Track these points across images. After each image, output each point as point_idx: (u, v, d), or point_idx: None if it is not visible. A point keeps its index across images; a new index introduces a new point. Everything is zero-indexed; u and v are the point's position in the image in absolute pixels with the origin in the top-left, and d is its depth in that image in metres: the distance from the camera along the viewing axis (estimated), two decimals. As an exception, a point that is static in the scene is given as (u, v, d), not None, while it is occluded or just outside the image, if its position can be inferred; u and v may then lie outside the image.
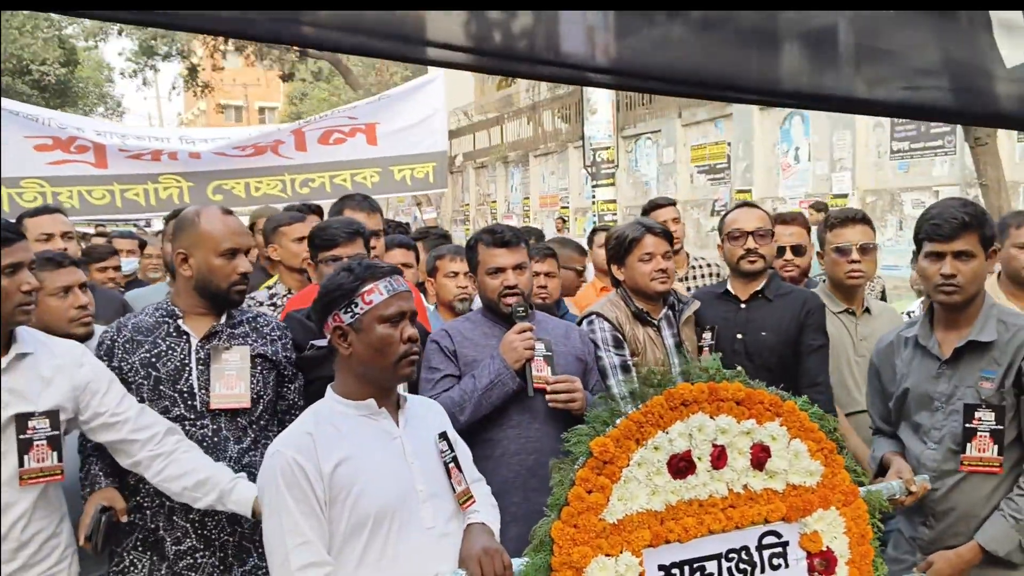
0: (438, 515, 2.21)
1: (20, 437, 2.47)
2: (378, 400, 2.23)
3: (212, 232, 2.78)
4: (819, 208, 8.50)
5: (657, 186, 18.12)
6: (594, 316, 3.35)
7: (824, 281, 3.85)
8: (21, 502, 2.50)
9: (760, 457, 2.31)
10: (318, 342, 2.88)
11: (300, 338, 3.02)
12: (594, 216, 13.83)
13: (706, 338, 3.51)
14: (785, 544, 2.36)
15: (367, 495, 2.12)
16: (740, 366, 2.50)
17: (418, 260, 4.58)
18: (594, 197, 13.97)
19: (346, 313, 2.20)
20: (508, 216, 22.79)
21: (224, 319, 2.85)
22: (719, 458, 2.26)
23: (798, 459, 2.36)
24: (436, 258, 4.21)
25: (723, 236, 3.66)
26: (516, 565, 2.13)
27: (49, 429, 2.51)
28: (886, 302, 4.77)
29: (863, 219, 3.71)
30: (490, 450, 2.93)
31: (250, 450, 2.81)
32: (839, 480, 2.42)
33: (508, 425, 2.96)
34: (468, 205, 27.35)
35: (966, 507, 2.68)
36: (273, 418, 2.93)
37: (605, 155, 13.64)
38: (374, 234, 3.76)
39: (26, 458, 2.48)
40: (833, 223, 3.71)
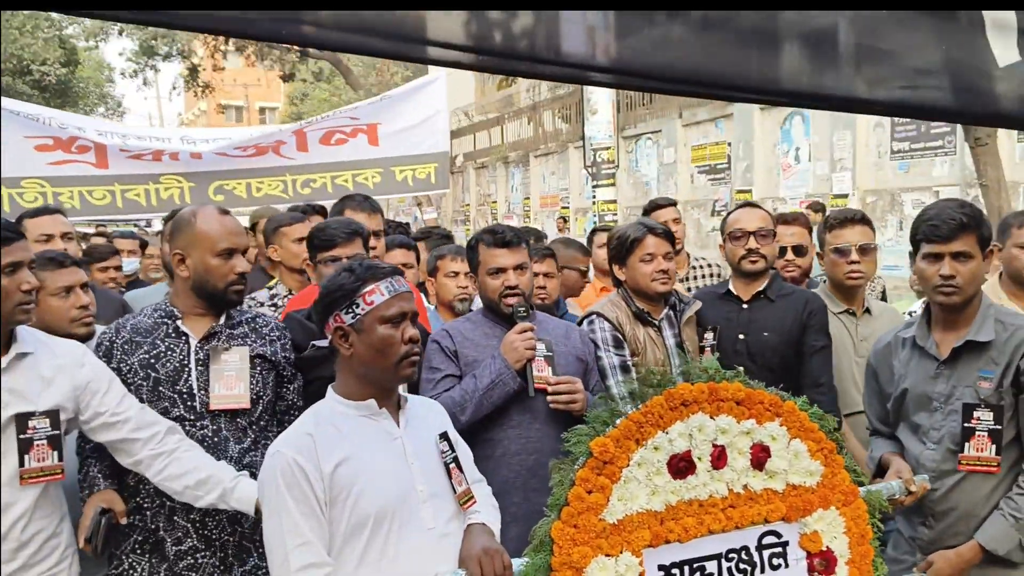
0: (438, 515, 2.21)
1: (20, 437, 2.47)
2: (379, 400, 2.23)
3: (208, 232, 2.77)
4: (816, 208, 8.50)
5: (657, 186, 18.10)
6: (594, 316, 3.35)
7: (825, 282, 3.85)
8: (21, 502, 2.49)
9: (760, 457, 2.31)
10: (319, 342, 2.88)
11: (300, 338, 3.02)
12: (594, 216, 13.81)
13: (708, 338, 3.51)
14: (785, 544, 2.36)
15: (367, 495, 2.12)
16: (742, 366, 2.50)
17: (419, 260, 4.58)
18: (594, 197, 13.94)
19: (347, 314, 2.20)
20: (508, 216, 22.76)
21: (223, 320, 2.85)
22: (719, 458, 2.26)
23: (798, 459, 2.36)
24: (437, 258, 4.21)
25: (725, 236, 3.66)
26: (516, 565, 2.13)
27: (49, 429, 2.51)
28: (886, 302, 4.77)
29: (862, 220, 3.70)
30: (491, 450, 2.93)
31: (251, 450, 2.81)
32: (839, 480, 2.42)
33: (509, 425, 2.96)
34: (468, 205, 27.33)
35: (966, 507, 2.68)
36: (272, 418, 2.93)
37: (605, 155, 13.61)
38: (374, 234, 3.76)
39: (26, 458, 2.48)
40: (832, 224, 3.71)
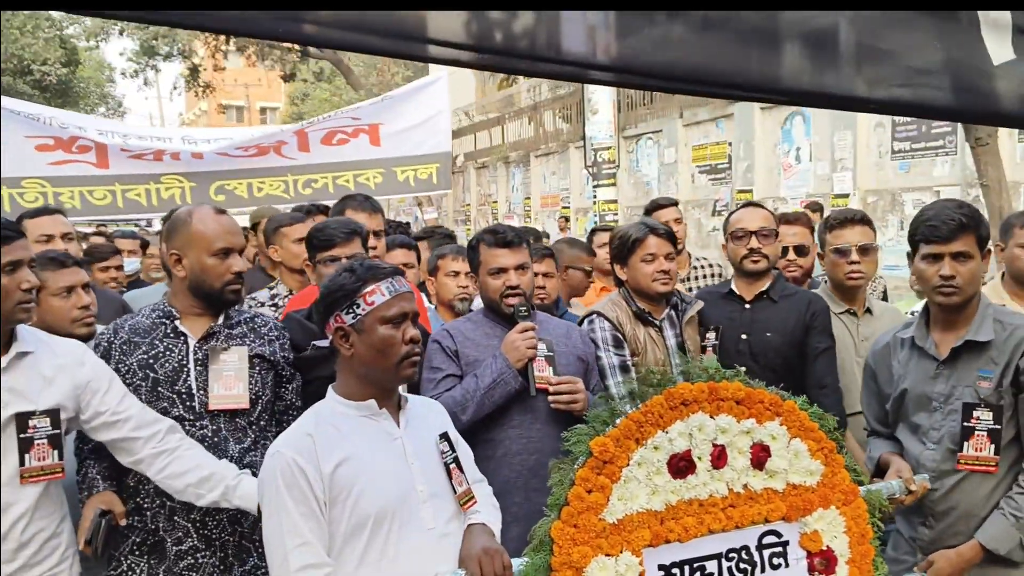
0: (438, 516, 2.21)
1: (21, 436, 2.46)
2: (379, 401, 2.23)
3: (205, 232, 2.77)
4: (814, 208, 8.50)
5: (658, 186, 18.08)
6: (594, 316, 3.35)
7: (826, 282, 3.84)
8: (22, 501, 2.49)
9: (760, 456, 2.31)
10: (320, 342, 2.88)
11: (299, 338, 3.02)
12: (595, 216, 13.81)
13: (710, 338, 3.50)
14: (785, 543, 2.35)
15: (367, 496, 2.12)
16: (744, 366, 2.49)
17: (420, 260, 4.58)
18: (595, 197, 13.94)
19: (348, 314, 2.20)
20: (509, 216, 22.74)
21: (222, 320, 2.85)
22: (719, 458, 2.26)
23: (798, 458, 2.36)
24: (438, 257, 4.21)
25: (727, 235, 3.66)
26: (516, 565, 2.13)
27: (50, 428, 2.51)
28: (887, 302, 4.76)
29: (862, 220, 3.70)
30: (492, 450, 2.94)
31: (251, 450, 2.81)
32: (839, 479, 2.42)
33: (510, 425, 2.97)
34: (469, 205, 27.31)
35: (966, 507, 2.69)
36: (272, 418, 2.93)
37: (606, 155, 13.61)
38: (375, 234, 3.76)
39: (27, 457, 2.48)
40: (833, 224, 3.71)
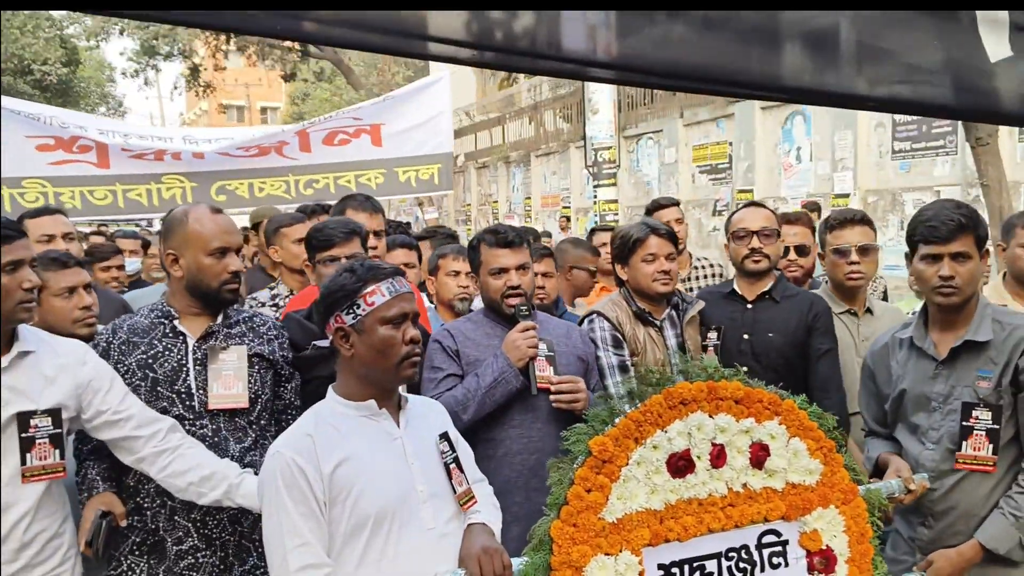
0: (438, 515, 2.21)
1: (22, 435, 2.47)
2: (379, 401, 2.24)
3: (201, 231, 2.77)
4: (812, 208, 8.51)
5: (659, 186, 18.07)
6: (594, 315, 3.36)
7: (827, 282, 3.84)
8: (24, 501, 2.49)
9: (759, 456, 2.31)
10: (320, 342, 2.89)
11: (298, 338, 3.02)
12: (595, 216, 13.82)
13: (711, 338, 3.50)
14: (785, 543, 2.36)
15: (367, 496, 2.12)
16: (747, 366, 2.49)
17: (421, 259, 4.58)
18: (595, 197, 13.95)
19: (348, 314, 2.20)
20: (510, 216, 22.73)
21: (220, 319, 2.85)
22: (718, 457, 2.27)
23: (797, 458, 2.36)
24: (438, 257, 4.21)
25: (729, 235, 3.66)
26: (516, 564, 2.13)
27: (51, 427, 2.51)
28: (888, 302, 4.76)
29: (862, 220, 3.69)
30: (492, 450, 2.94)
31: (251, 449, 2.81)
32: (838, 478, 2.42)
33: (510, 425, 2.97)
34: (470, 205, 27.31)
35: (966, 506, 2.69)
36: (272, 418, 2.93)
37: (607, 155, 13.62)
38: (375, 234, 3.76)
39: (28, 456, 2.48)
40: (833, 224, 3.70)
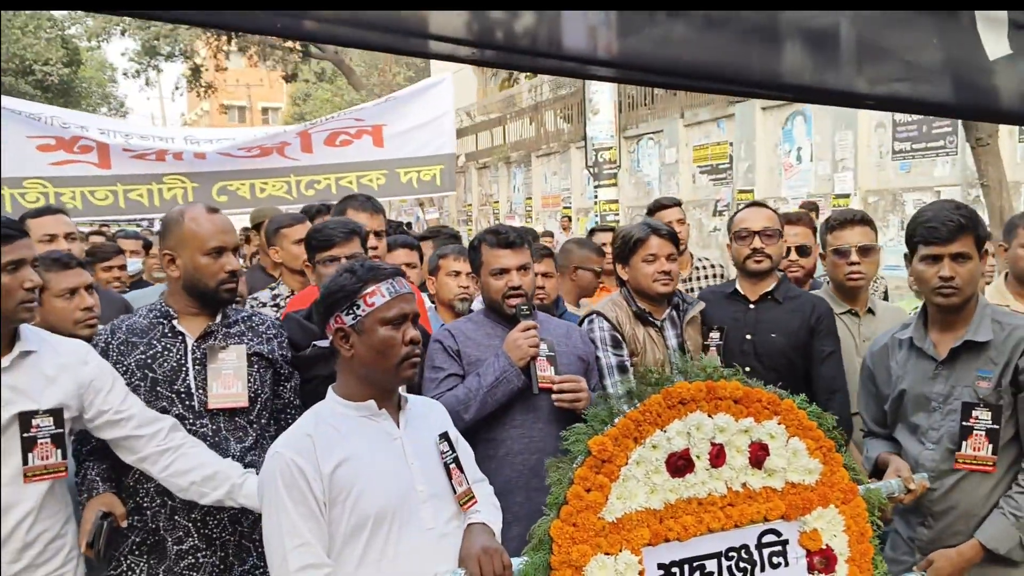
0: (438, 515, 2.22)
1: (24, 435, 2.47)
2: (379, 401, 2.24)
3: (197, 231, 2.76)
4: (810, 208, 8.52)
5: (659, 186, 18.07)
6: (594, 315, 3.36)
7: (828, 282, 3.84)
8: (26, 501, 2.49)
9: (759, 455, 2.32)
10: (320, 342, 2.89)
11: (298, 338, 3.02)
12: (596, 216, 13.83)
13: (714, 338, 3.50)
14: (785, 542, 2.36)
15: (367, 496, 2.12)
16: (749, 367, 2.48)
17: (422, 260, 4.58)
18: (596, 197, 13.97)
19: (348, 315, 2.20)
20: (511, 216, 22.75)
21: (219, 318, 2.85)
22: (718, 456, 2.27)
23: (797, 457, 2.36)
24: (439, 257, 4.20)
25: (731, 235, 3.66)
26: (516, 564, 2.13)
27: (53, 427, 2.51)
28: (888, 302, 4.76)
29: (863, 220, 3.69)
30: (493, 450, 2.94)
31: (252, 449, 2.81)
32: (838, 478, 2.43)
33: (511, 425, 2.97)
34: (471, 205, 27.33)
35: (966, 506, 2.69)
36: (271, 417, 2.93)
37: (607, 155, 13.65)
38: (376, 235, 3.76)
39: (30, 456, 2.48)
40: (833, 225, 3.70)
